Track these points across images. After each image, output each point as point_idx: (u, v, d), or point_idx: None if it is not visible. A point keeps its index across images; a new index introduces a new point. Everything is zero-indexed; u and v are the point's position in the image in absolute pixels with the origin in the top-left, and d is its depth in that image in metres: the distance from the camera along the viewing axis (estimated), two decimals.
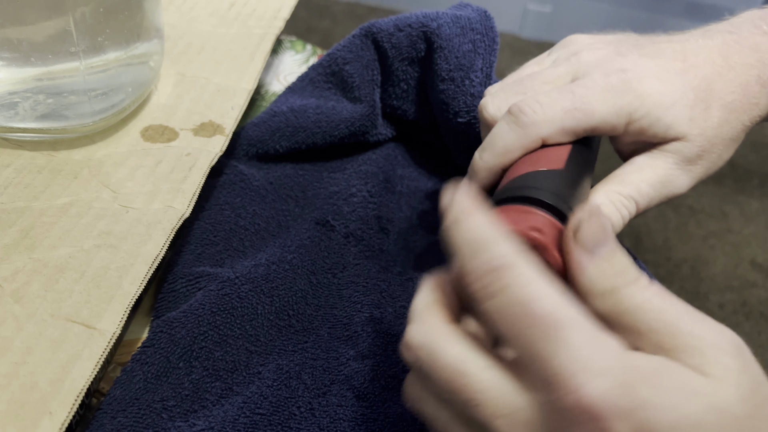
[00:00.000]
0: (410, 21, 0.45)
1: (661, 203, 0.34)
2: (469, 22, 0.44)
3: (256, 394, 0.33)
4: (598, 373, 0.20)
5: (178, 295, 0.37)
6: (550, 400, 0.21)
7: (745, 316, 1.22)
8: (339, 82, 0.48)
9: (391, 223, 0.44)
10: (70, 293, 0.31)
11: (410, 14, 0.46)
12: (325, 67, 0.48)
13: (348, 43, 0.47)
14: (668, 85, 0.32)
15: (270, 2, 0.55)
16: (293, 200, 0.44)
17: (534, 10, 1.84)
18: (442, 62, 0.43)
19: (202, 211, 0.41)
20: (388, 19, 0.47)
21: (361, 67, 0.47)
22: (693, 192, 1.46)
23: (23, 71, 0.37)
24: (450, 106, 0.43)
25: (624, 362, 0.21)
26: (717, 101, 0.33)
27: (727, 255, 1.33)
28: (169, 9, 0.53)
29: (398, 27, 0.46)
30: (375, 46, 0.47)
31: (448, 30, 0.44)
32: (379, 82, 0.47)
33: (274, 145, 0.46)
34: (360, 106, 0.47)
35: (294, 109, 0.48)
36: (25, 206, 0.36)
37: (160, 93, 0.45)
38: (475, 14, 0.45)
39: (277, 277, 0.38)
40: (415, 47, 0.45)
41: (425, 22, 0.45)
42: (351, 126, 0.46)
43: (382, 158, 0.47)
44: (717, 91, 0.33)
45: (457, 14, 0.45)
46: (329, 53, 0.48)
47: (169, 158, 0.40)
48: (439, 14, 0.45)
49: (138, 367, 0.33)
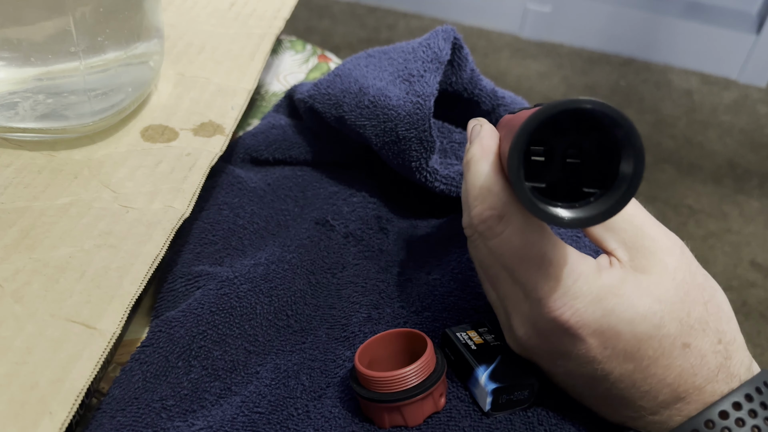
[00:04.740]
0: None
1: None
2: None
3: (255, 393, 0.33)
4: (575, 297, 0.27)
5: (177, 294, 0.37)
6: (538, 312, 0.28)
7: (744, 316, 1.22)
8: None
9: (390, 223, 0.44)
10: (70, 293, 0.31)
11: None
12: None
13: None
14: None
15: (270, 2, 0.55)
16: (292, 200, 0.44)
17: (534, 10, 1.83)
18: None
19: (200, 211, 0.41)
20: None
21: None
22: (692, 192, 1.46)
23: (23, 71, 0.37)
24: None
25: (596, 283, 0.27)
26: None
27: (726, 255, 1.33)
28: (169, 9, 0.53)
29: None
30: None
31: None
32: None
33: (268, 157, 0.47)
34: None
35: (292, 124, 0.48)
36: (26, 206, 0.36)
37: (160, 93, 0.45)
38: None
39: (276, 276, 0.38)
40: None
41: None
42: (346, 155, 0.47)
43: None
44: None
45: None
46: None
47: (169, 158, 0.40)
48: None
49: (137, 366, 0.33)
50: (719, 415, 0.28)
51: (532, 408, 0.32)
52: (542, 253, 0.28)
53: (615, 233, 0.29)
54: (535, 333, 0.29)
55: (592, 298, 0.27)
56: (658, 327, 0.28)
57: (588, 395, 0.31)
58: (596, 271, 0.28)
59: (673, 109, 1.69)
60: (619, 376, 0.28)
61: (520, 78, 1.73)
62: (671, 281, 0.28)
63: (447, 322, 0.36)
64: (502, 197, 0.28)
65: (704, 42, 1.78)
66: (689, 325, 0.28)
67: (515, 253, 0.28)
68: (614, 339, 0.28)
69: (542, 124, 0.24)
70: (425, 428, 0.31)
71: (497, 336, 0.34)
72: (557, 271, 0.27)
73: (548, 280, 0.27)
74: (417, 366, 0.30)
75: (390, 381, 0.30)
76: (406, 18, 1.89)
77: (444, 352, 0.34)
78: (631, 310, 0.27)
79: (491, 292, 0.32)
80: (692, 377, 0.28)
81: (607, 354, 0.28)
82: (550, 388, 0.32)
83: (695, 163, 1.54)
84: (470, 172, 0.29)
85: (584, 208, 0.25)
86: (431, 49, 0.43)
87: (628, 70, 1.80)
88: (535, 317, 0.29)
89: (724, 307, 0.30)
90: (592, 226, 0.29)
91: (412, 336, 0.33)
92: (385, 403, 0.30)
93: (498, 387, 0.31)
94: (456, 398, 0.33)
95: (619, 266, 0.29)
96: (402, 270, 0.41)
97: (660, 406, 0.29)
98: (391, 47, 0.46)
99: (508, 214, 0.28)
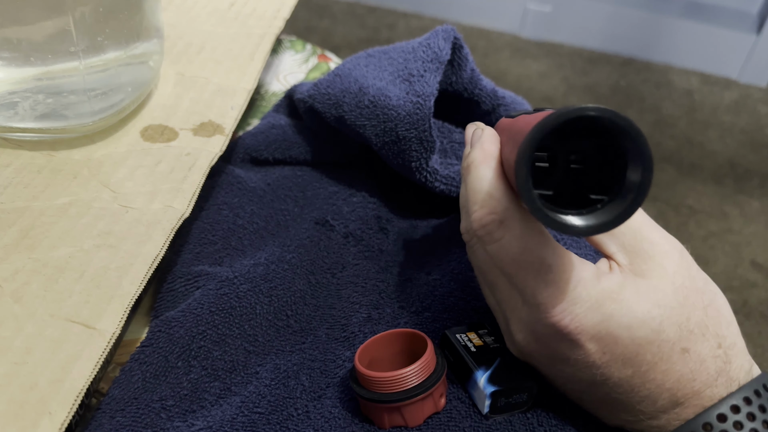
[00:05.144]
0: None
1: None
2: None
3: (254, 393, 0.33)
4: (573, 302, 0.27)
5: (176, 294, 0.37)
6: (537, 318, 0.28)
7: (745, 316, 1.22)
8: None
9: (390, 223, 0.44)
10: (69, 293, 0.31)
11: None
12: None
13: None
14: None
15: (270, 2, 0.55)
16: (292, 200, 0.44)
17: (534, 10, 1.83)
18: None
19: (200, 211, 0.41)
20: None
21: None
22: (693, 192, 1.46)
23: (23, 71, 0.37)
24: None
25: (594, 288, 0.27)
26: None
27: (727, 255, 1.33)
28: (169, 9, 0.53)
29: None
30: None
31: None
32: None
33: (268, 156, 0.47)
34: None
35: (292, 124, 0.48)
36: (25, 206, 0.36)
37: (160, 93, 0.45)
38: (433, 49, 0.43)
39: (276, 276, 0.38)
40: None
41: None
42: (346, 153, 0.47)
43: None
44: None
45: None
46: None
47: (169, 158, 0.40)
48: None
49: (137, 366, 0.33)
50: (717, 418, 0.28)
51: (531, 410, 0.32)
52: (541, 259, 0.27)
53: (615, 237, 0.29)
54: (534, 338, 0.29)
55: (590, 304, 0.27)
56: (657, 332, 0.28)
57: (587, 399, 0.31)
58: (595, 277, 0.28)
59: (673, 109, 1.69)
60: (618, 381, 0.28)
61: (520, 78, 1.73)
62: (670, 286, 0.28)
63: (447, 322, 0.36)
64: (503, 202, 0.28)
65: (705, 42, 1.77)
66: (688, 330, 0.28)
67: (514, 259, 0.28)
68: (613, 344, 0.28)
69: (550, 133, 0.24)
70: (425, 429, 0.31)
71: (497, 338, 0.34)
72: (556, 276, 0.27)
73: (547, 286, 0.27)
74: (417, 366, 0.30)
75: (390, 381, 0.30)
76: (406, 18, 1.89)
77: (443, 353, 0.34)
78: (629, 315, 0.27)
79: (490, 297, 0.31)
80: (691, 382, 0.28)
81: (606, 359, 0.28)
82: (550, 390, 0.32)
83: (696, 163, 1.54)
84: (471, 176, 0.29)
85: (592, 215, 0.25)
86: (431, 48, 0.42)
87: (629, 70, 1.80)
88: (533, 323, 0.28)
89: (724, 311, 0.29)
90: (599, 234, 0.29)
91: (412, 336, 0.33)
92: (385, 403, 0.30)
93: (496, 390, 0.31)
94: (456, 399, 0.33)
95: (619, 271, 0.29)
96: (402, 270, 0.41)
97: (659, 410, 0.29)
98: (391, 47, 0.46)
99: (508, 219, 0.28)
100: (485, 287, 0.32)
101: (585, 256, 0.36)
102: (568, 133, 0.26)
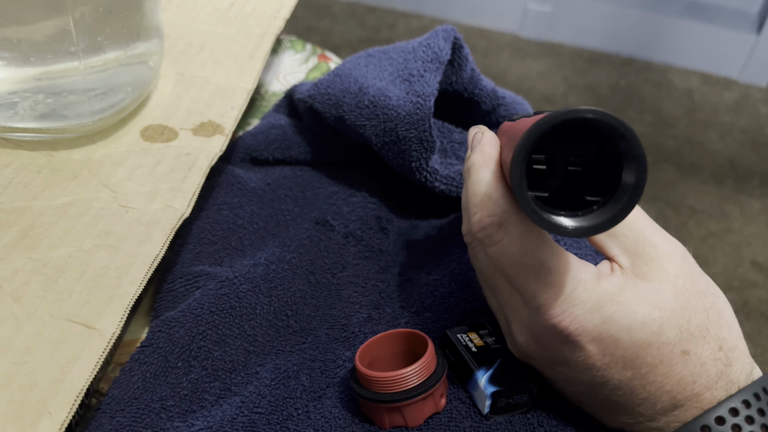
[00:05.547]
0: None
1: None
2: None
3: (254, 393, 0.33)
4: (574, 304, 0.27)
5: (176, 294, 0.37)
6: (537, 319, 0.28)
7: (745, 316, 1.22)
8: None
9: (390, 223, 0.44)
10: (69, 293, 0.31)
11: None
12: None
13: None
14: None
15: (270, 2, 0.55)
16: (292, 200, 0.44)
17: (534, 10, 1.83)
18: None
19: (200, 211, 0.41)
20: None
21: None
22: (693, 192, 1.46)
23: (23, 71, 0.37)
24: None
25: (595, 290, 0.27)
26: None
27: (727, 255, 1.33)
28: (169, 8, 0.53)
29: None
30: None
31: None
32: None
33: (268, 156, 0.47)
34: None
35: (292, 124, 0.48)
36: (25, 206, 0.36)
37: (160, 93, 0.45)
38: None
39: (276, 276, 0.38)
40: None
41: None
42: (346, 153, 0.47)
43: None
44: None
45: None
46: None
47: (169, 158, 0.40)
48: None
49: (136, 366, 0.33)
50: (715, 420, 0.28)
51: (532, 410, 0.32)
52: (541, 261, 0.28)
53: (616, 239, 0.29)
54: (534, 340, 0.29)
55: (591, 306, 0.27)
56: (657, 334, 0.28)
57: (587, 401, 0.31)
58: (596, 278, 0.28)
59: (673, 108, 1.69)
60: (618, 383, 0.28)
61: (521, 78, 1.73)
62: (671, 288, 0.28)
63: (447, 322, 0.36)
64: (502, 205, 0.28)
65: (705, 42, 1.77)
66: (689, 333, 0.28)
67: (514, 261, 0.28)
68: (613, 346, 0.28)
69: (544, 135, 0.24)
70: (425, 429, 0.31)
71: (498, 338, 0.34)
72: (556, 278, 0.27)
73: (547, 288, 0.27)
74: (418, 366, 0.30)
75: (390, 381, 0.30)
76: (406, 18, 1.89)
77: (444, 353, 0.34)
78: (630, 318, 0.27)
79: (492, 299, 0.31)
80: (691, 385, 0.28)
81: (606, 361, 0.28)
82: (551, 390, 0.32)
83: (696, 163, 1.54)
84: (471, 179, 0.29)
85: (587, 217, 0.25)
86: (431, 48, 0.42)
87: (629, 69, 1.80)
88: (534, 324, 0.29)
89: (725, 314, 0.29)
90: (598, 235, 0.29)
91: (412, 336, 0.33)
92: (385, 403, 0.30)
93: (497, 390, 0.31)
94: (456, 399, 0.33)
95: (620, 273, 0.29)
96: (402, 270, 0.41)
97: (658, 412, 0.29)
98: (391, 47, 0.46)
99: (508, 221, 0.28)
100: (487, 289, 0.32)
101: (585, 257, 0.36)
102: (566, 135, 0.26)
